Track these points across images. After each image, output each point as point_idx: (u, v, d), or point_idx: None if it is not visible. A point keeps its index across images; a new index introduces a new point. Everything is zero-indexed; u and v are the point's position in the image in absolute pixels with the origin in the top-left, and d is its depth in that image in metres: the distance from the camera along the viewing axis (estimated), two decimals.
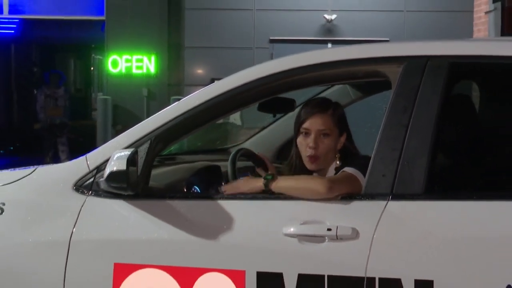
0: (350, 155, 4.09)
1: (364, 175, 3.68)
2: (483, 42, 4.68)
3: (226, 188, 3.93)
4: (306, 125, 4.08)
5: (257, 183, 3.85)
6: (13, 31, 21.73)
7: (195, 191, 4.46)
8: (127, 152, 3.72)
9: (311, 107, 4.13)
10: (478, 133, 4.28)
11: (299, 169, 4.16)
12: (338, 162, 4.06)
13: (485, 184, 3.87)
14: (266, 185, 3.79)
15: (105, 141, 4.06)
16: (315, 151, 4.04)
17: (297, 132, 4.14)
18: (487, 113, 4.44)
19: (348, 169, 3.80)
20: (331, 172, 4.04)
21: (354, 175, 3.74)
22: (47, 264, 3.82)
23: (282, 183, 3.78)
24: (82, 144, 16.00)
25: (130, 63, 16.09)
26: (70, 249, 3.82)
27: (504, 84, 3.92)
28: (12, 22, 19.36)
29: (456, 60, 3.69)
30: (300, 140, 4.10)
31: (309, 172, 4.13)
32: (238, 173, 4.43)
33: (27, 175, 4.16)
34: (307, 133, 4.07)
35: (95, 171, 3.91)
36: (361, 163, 3.74)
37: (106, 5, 16.12)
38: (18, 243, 3.92)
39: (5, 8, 16.77)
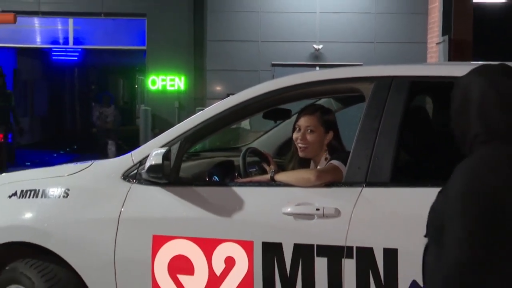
0: (337, 150, 4.07)
1: None
2: (434, 66, 4.66)
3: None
4: (298, 123, 4.10)
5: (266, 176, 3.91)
6: (76, 58, 21.78)
7: (214, 180, 4.45)
8: (163, 150, 3.71)
9: (303, 110, 4.15)
10: (432, 135, 4.27)
11: (296, 158, 4.17)
12: (326, 156, 4.05)
13: (437, 174, 3.86)
14: (271, 176, 3.80)
15: (146, 141, 4.05)
16: (303, 142, 4.04)
17: (293, 128, 4.15)
18: (438, 120, 4.43)
19: (334, 162, 3.80)
20: (322, 163, 4.03)
21: (338, 167, 3.73)
22: (102, 236, 3.83)
23: (283, 174, 3.81)
24: (127, 144, 16.01)
25: (165, 82, 16.10)
26: (119, 224, 3.81)
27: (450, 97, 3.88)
28: (76, 51, 19.40)
29: (414, 79, 3.68)
30: (294, 134, 4.11)
31: (304, 161, 4.14)
32: (247, 166, 4.42)
33: (86, 168, 4.16)
34: (299, 129, 4.08)
35: (138, 164, 3.91)
36: (346, 157, 3.72)
37: (147, 37, 16.12)
38: (79, 220, 3.92)
39: (70, 40, 16.80)
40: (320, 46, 16.42)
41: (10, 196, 4.12)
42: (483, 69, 2.38)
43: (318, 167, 4.04)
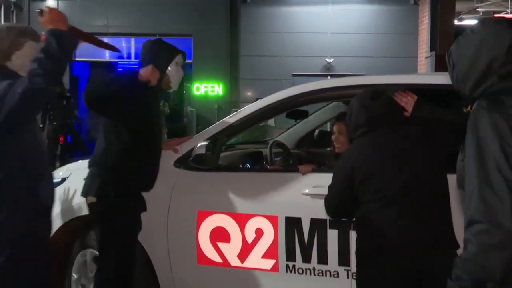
0: None
1: None
2: (423, 76, 4.60)
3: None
4: (332, 129, 4.09)
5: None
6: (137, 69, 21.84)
7: (247, 167, 4.44)
8: (205, 143, 3.71)
9: (335, 118, 4.15)
10: None
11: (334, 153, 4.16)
12: None
13: None
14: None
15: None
16: (337, 143, 4.02)
17: (331, 133, 4.14)
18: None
19: None
20: None
21: None
22: (157, 211, 3.81)
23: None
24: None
25: (207, 88, 16.12)
26: (171, 202, 3.81)
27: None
28: (137, 64, 19.48)
29: (407, 86, 3.61)
30: (331, 137, 4.10)
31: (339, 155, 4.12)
32: (273, 156, 4.41)
33: None
34: (333, 133, 4.06)
35: (186, 154, 3.90)
36: None
37: (193, 53, 16.14)
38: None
39: (133, 55, 16.92)
40: (331, 60, 16.35)
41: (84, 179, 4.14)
42: (361, 93, 3.17)
43: None
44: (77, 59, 16.50)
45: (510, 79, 2.13)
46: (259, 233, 3.60)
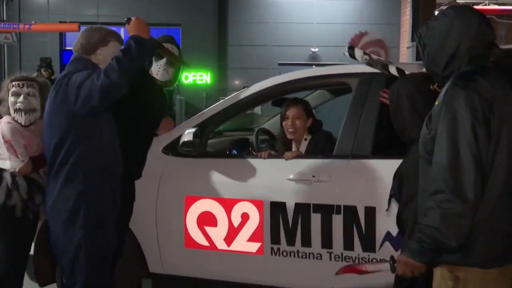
0: (315, 131, 4.02)
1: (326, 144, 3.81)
2: (405, 65, 4.61)
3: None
4: (286, 113, 4.01)
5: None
6: None
7: (234, 153, 4.44)
8: (194, 130, 3.71)
9: (289, 104, 4.05)
10: None
11: (285, 139, 4.08)
12: (306, 137, 3.99)
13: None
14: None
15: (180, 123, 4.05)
16: (292, 127, 3.98)
17: (282, 118, 4.06)
18: None
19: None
20: (302, 143, 3.97)
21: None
22: (146, 196, 3.81)
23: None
24: None
25: (195, 77, 16.05)
26: (159, 187, 3.81)
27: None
28: None
29: (389, 76, 3.63)
30: (284, 122, 4.03)
31: (288, 142, 4.05)
32: (259, 143, 4.42)
33: None
34: (287, 118, 4.01)
35: (175, 141, 3.89)
36: (323, 135, 3.93)
37: (181, 42, 16.01)
38: None
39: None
40: (316, 49, 16.36)
41: None
42: (408, 76, 2.88)
43: (300, 145, 3.99)
44: (67, 48, 16.37)
45: (478, 61, 2.23)
46: (245, 217, 3.61)
